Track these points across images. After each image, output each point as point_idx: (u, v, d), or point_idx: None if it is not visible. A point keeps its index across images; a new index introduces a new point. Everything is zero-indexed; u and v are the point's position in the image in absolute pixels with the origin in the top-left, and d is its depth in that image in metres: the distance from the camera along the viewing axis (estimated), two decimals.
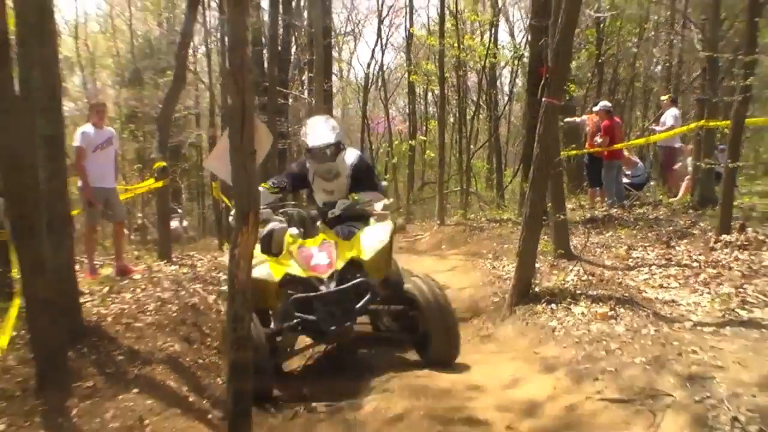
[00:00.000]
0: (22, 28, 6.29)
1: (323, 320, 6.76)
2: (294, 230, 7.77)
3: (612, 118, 15.94)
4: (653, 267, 9.69)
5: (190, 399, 6.15)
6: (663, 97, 18.56)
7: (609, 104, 16.81)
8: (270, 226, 7.79)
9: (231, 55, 4.33)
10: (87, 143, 10.12)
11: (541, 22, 14.54)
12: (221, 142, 6.75)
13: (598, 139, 15.52)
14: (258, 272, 6.74)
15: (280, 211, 8.13)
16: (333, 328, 6.75)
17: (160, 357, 6.93)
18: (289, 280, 7.18)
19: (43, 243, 6.15)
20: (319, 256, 7.32)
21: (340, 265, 7.25)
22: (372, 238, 7.63)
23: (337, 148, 8.03)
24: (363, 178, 8.34)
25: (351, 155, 8.40)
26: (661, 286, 8.76)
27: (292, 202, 8.84)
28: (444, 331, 7.21)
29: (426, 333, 7.29)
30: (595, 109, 16.42)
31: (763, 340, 6.42)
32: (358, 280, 7.10)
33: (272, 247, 7.70)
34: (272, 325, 7.49)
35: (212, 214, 22.67)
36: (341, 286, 7.00)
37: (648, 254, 10.55)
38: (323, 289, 6.98)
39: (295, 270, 7.21)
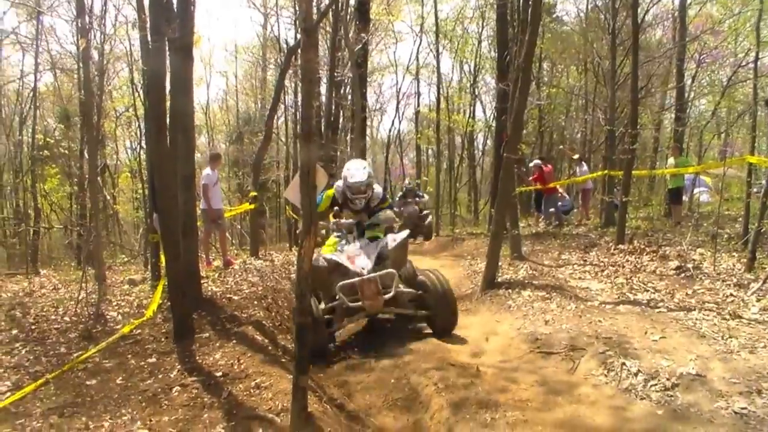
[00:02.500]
0: (173, 108, 6.43)
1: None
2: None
3: (542, 170, 15.93)
4: (575, 265, 9.68)
5: (269, 348, 6.18)
6: (574, 156, 18.46)
7: (539, 161, 16.70)
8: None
9: (303, 124, 4.41)
10: (209, 181, 10.24)
11: (503, 104, 14.67)
12: (295, 180, 6.80)
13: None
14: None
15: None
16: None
17: (250, 320, 7.01)
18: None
19: (180, 243, 6.26)
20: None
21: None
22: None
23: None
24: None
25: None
26: (579, 278, 8.76)
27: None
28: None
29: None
30: (531, 164, 16.54)
31: (642, 313, 6.46)
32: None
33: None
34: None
35: (285, 226, 22.77)
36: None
37: (571, 257, 10.53)
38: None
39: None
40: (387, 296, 6.47)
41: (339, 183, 7.60)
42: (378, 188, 7.73)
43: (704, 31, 18.49)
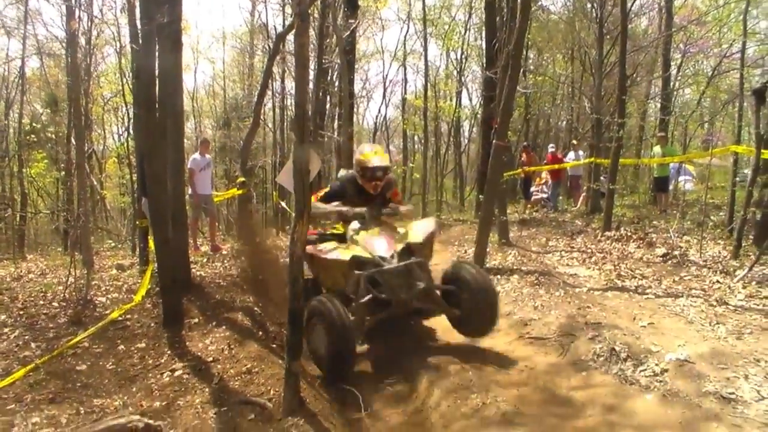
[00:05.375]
0: (162, 93, 6.32)
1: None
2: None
3: (555, 156, 16.58)
4: (562, 252, 9.70)
5: (259, 334, 6.14)
6: (574, 141, 18.85)
7: (553, 147, 17.48)
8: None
9: (297, 109, 4.33)
10: (195, 166, 10.16)
11: (490, 92, 14.71)
12: (287, 164, 6.62)
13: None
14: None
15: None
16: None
17: (239, 306, 6.97)
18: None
19: (169, 228, 6.20)
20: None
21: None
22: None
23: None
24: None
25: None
26: (567, 264, 8.79)
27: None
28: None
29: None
30: (551, 150, 16.84)
31: (630, 299, 6.54)
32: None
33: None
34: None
35: (272, 211, 22.72)
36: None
37: (559, 243, 10.56)
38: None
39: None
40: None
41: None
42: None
43: (690, 22, 18.57)
